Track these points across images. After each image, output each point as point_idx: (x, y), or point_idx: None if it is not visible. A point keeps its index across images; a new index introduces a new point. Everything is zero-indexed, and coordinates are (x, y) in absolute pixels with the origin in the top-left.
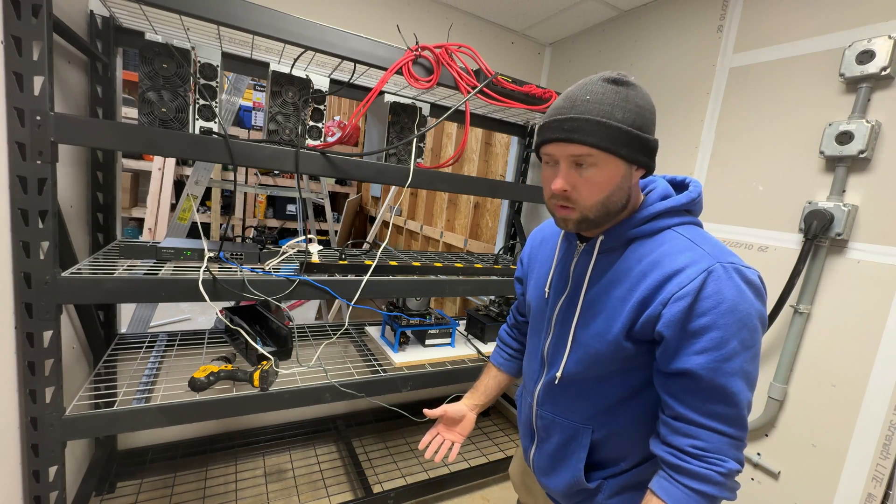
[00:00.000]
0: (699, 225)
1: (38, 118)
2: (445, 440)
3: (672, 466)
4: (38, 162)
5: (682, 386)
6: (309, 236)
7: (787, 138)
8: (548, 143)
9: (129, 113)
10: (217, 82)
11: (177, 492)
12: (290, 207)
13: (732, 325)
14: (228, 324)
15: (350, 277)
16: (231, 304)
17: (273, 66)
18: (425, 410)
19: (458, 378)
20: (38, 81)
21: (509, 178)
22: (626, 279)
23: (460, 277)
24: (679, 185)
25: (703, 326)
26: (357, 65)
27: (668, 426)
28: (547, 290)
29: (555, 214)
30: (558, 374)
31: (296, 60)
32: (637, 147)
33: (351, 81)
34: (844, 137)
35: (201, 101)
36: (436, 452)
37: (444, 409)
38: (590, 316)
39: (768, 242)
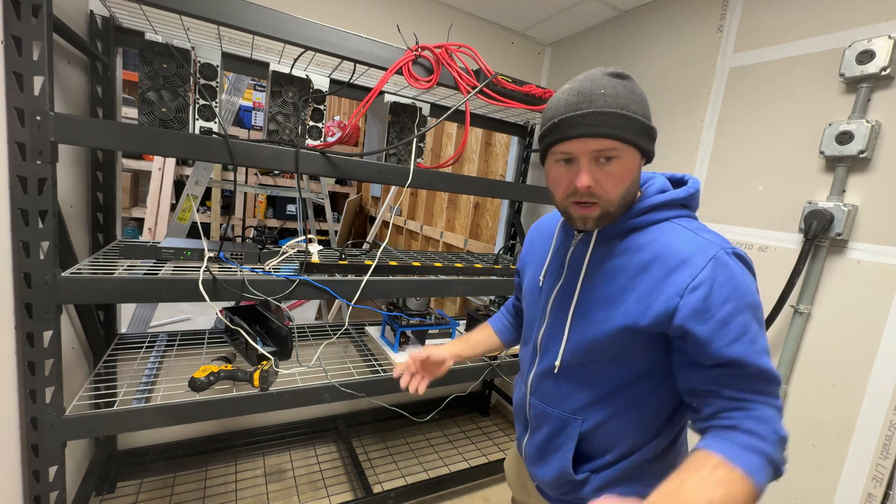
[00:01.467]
0: (695, 219)
1: (38, 118)
2: (419, 375)
3: (726, 429)
4: (38, 162)
5: (729, 372)
6: (309, 236)
7: (787, 138)
8: (566, 141)
9: (129, 113)
10: (217, 82)
11: (177, 492)
12: (290, 207)
13: (748, 307)
14: (228, 324)
15: (350, 277)
16: (231, 304)
17: (273, 66)
18: (410, 356)
19: (458, 378)
20: (38, 81)
21: (509, 178)
22: (627, 269)
23: (460, 277)
24: (678, 182)
25: (730, 314)
26: (357, 65)
27: (717, 409)
28: (542, 278)
29: (572, 215)
30: (557, 363)
31: (296, 60)
32: (649, 137)
33: (351, 81)
34: (844, 137)
35: (201, 101)
36: (408, 384)
37: (428, 353)
38: (587, 305)
39: (768, 242)
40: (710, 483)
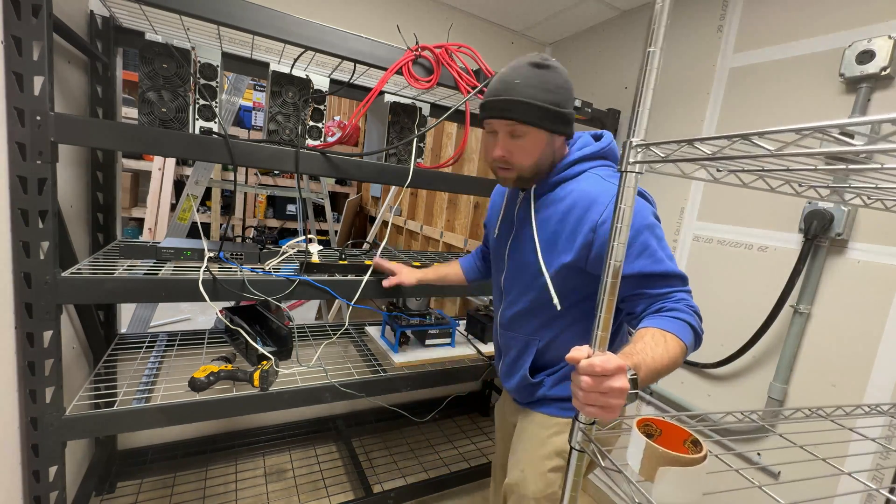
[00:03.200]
0: (611, 167)
1: (38, 118)
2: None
3: (654, 312)
4: (38, 162)
5: (642, 280)
6: (309, 236)
7: None
8: (490, 119)
9: (129, 113)
10: (217, 82)
11: (177, 492)
12: (290, 207)
13: (644, 228)
14: (228, 324)
15: (350, 277)
16: (231, 304)
17: (273, 66)
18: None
19: (459, 378)
20: (38, 81)
21: None
22: (554, 216)
23: None
24: (597, 138)
25: (631, 237)
26: (357, 65)
27: (645, 305)
28: (496, 231)
29: (497, 175)
30: (512, 300)
31: (296, 60)
32: (556, 120)
33: (351, 81)
34: None
35: (201, 101)
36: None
37: (399, 281)
38: (530, 250)
39: (768, 242)
40: (651, 344)
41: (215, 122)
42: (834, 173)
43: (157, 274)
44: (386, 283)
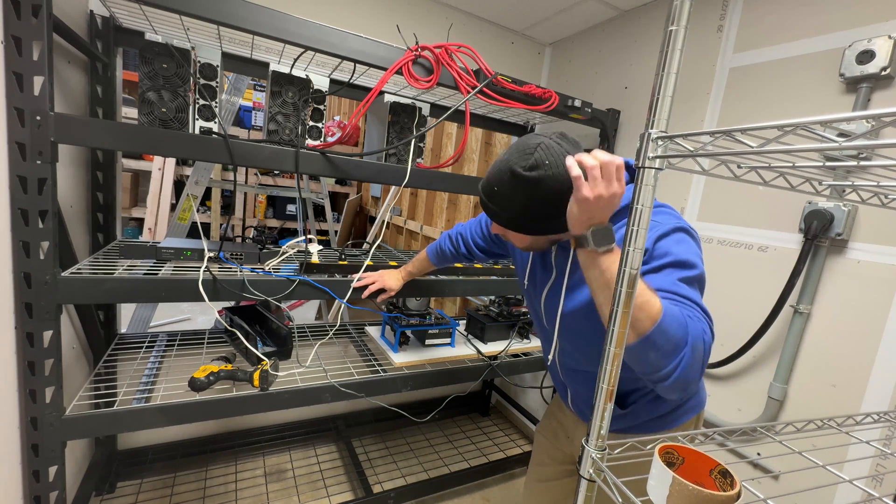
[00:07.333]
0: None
1: (38, 118)
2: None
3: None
4: (38, 162)
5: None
6: (309, 236)
7: None
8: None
9: (129, 113)
10: (217, 82)
11: (177, 492)
12: (290, 207)
13: (677, 262)
14: (227, 325)
15: (350, 278)
16: (231, 304)
17: (273, 66)
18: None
19: (459, 378)
20: (38, 81)
21: None
22: None
23: (460, 277)
24: (629, 168)
25: (660, 265)
26: (357, 65)
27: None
28: (526, 281)
29: None
30: (563, 344)
31: (296, 60)
32: (536, 226)
33: (351, 81)
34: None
35: (201, 101)
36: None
37: (383, 286)
38: (576, 297)
39: (768, 242)
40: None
41: (215, 122)
42: (863, 170)
43: (157, 274)
44: (365, 293)
